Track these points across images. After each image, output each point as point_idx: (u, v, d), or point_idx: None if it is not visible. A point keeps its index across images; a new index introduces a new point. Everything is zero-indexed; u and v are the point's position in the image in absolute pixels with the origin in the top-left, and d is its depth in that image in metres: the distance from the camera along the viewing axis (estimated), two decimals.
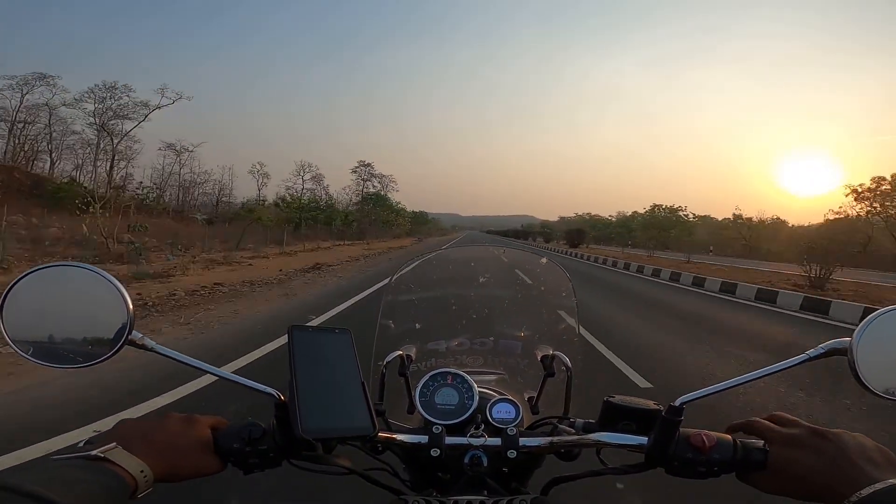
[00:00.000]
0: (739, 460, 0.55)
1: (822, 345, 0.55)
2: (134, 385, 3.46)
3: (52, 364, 0.55)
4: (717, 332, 6.88)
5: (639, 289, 13.21)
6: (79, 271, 0.55)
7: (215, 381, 3.29)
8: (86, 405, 3.12)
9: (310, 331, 0.59)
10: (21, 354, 0.54)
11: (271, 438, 0.59)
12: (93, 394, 3.31)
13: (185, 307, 6.88)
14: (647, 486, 2.19)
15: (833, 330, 7.46)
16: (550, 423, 0.73)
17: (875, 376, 0.53)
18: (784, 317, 8.93)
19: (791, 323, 8.20)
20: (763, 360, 4.89)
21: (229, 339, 5.22)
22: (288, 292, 9.04)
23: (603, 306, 8.99)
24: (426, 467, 0.69)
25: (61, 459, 0.46)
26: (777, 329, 7.52)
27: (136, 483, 0.47)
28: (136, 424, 0.54)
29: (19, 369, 3.64)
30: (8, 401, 3.21)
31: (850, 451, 0.49)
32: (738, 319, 8.30)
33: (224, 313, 6.58)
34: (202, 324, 5.88)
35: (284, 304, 7.74)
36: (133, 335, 0.56)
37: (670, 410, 0.57)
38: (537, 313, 0.96)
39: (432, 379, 0.75)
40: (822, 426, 0.53)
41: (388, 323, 0.93)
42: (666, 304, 9.96)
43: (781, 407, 3.49)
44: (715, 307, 9.89)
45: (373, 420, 0.57)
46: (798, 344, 6.00)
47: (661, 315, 8.35)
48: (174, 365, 0.60)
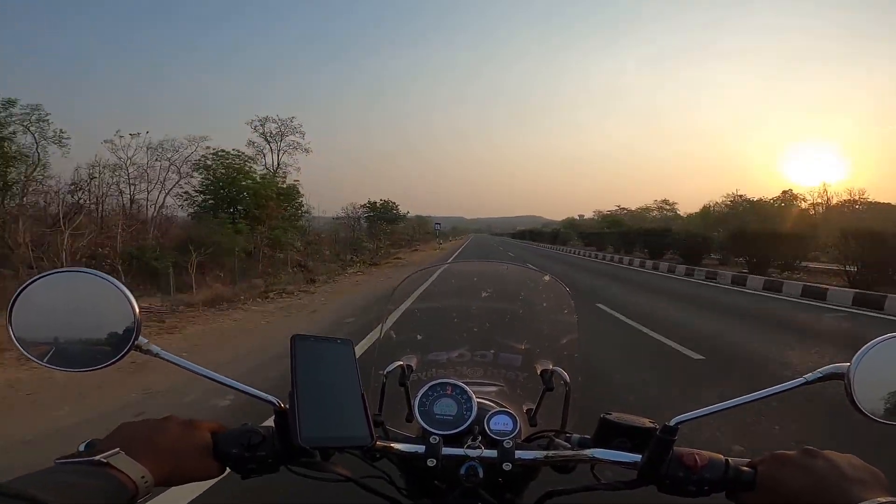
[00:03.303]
0: (729, 480, 0.56)
1: (820, 369, 0.57)
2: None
3: (58, 367, 0.56)
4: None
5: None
6: (87, 277, 0.56)
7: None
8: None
9: (312, 340, 0.60)
10: (29, 357, 0.55)
11: (270, 445, 0.60)
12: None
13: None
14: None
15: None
16: (547, 436, 0.73)
17: (871, 402, 0.54)
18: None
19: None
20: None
21: None
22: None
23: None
24: (423, 477, 0.70)
25: (64, 465, 0.46)
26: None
27: (136, 488, 0.48)
28: (138, 428, 0.55)
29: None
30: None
31: (839, 470, 0.50)
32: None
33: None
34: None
35: None
36: (139, 341, 0.57)
37: (665, 430, 0.58)
38: (538, 328, 0.97)
39: (431, 389, 0.76)
40: (811, 446, 0.54)
41: (390, 333, 0.94)
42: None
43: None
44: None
45: (371, 431, 0.58)
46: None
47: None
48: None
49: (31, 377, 4.13)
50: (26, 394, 3.88)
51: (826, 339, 6.86)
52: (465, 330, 0.96)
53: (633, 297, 10.76)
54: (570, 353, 0.91)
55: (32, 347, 0.55)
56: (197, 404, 3.64)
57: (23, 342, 0.55)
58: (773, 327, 7.52)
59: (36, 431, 3.16)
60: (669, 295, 11.35)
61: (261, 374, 4.38)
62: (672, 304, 9.75)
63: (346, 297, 10.72)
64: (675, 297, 11.12)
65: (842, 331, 7.48)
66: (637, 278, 16.05)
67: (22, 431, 3.15)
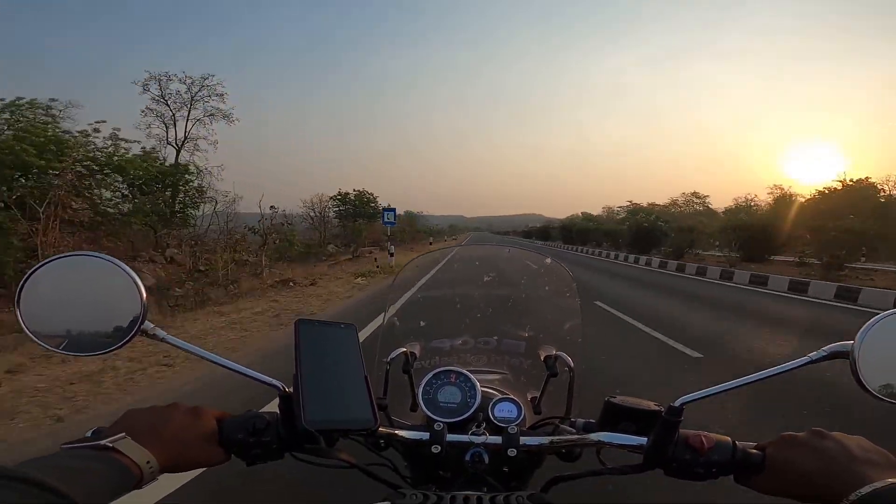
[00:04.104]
0: (737, 462, 0.56)
1: (825, 347, 0.56)
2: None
3: (65, 351, 0.56)
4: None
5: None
6: (95, 261, 0.57)
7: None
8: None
9: (316, 325, 0.60)
10: (35, 341, 0.55)
11: (275, 431, 0.60)
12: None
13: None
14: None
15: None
16: (552, 422, 0.73)
17: (876, 379, 0.54)
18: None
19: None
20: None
21: None
22: None
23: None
24: (427, 464, 0.70)
25: (71, 449, 0.47)
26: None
27: (141, 473, 0.48)
28: (144, 415, 0.55)
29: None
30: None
31: (848, 452, 0.49)
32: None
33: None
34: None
35: None
36: (145, 325, 0.57)
37: (670, 411, 0.58)
38: (541, 314, 0.97)
39: (435, 377, 0.76)
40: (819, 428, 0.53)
41: (394, 320, 0.95)
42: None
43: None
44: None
45: (374, 414, 0.58)
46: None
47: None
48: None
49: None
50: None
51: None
52: (467, 316, 0.96)
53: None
54: (573, 338, 0.91)
55: (39, 330, 0.55)
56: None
57: (30, 325, 0.55)
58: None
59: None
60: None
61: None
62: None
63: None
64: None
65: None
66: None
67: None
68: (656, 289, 11.71)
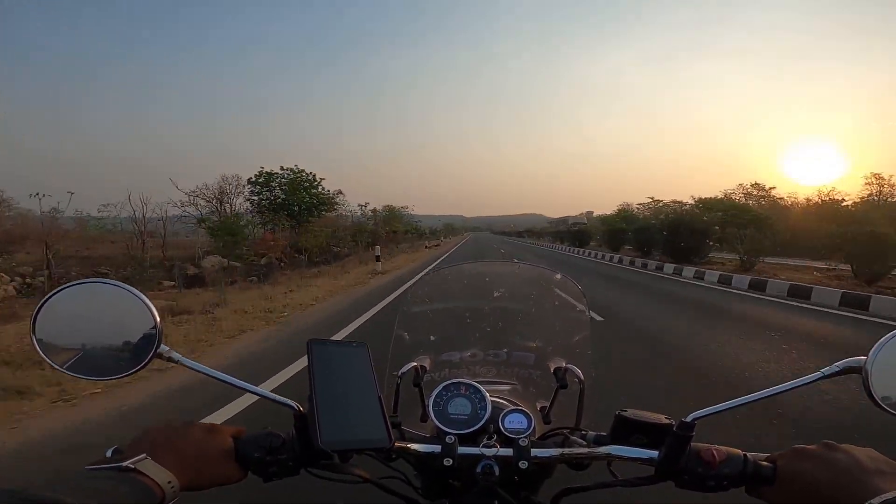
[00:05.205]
0: (748, 474, 0.56)
1: (838, 363, 0.57)
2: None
3: (81, 376, 0.57)
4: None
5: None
6: (109, 288, 0.57)
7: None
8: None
9: (328, 345, 0.61)
10: (53, 366, 0.56)
11: (290, 448, 0.60)
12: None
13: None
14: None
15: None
16: (562, 434, 0.74)
17: (889, 394, 0.54)
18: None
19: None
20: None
21: None
22: None
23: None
24: (439, 476, 0.70)
25: (93, 471, 0.47)
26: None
27: (163, 493, 0.48)
28: (163, 433, 0.56)
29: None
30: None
31: (858, 463, 0.50)
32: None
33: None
34: None
35: None
36: (161, 349, 0.58)
37: (681, 426, 0.58)
38: (550, 326, 0.97)
39: (445, 389, 0.76)
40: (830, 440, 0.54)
41: (404, 334, 0.95)
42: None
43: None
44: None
45: (389, 433, 0.59)
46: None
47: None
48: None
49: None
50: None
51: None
52: (477, 329, 0.97)
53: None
54: (583, 351, 0.91)
55: (55, 355, 0.56)
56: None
57: (46, 349, 0.56)
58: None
59: None
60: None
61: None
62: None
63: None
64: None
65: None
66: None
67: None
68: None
